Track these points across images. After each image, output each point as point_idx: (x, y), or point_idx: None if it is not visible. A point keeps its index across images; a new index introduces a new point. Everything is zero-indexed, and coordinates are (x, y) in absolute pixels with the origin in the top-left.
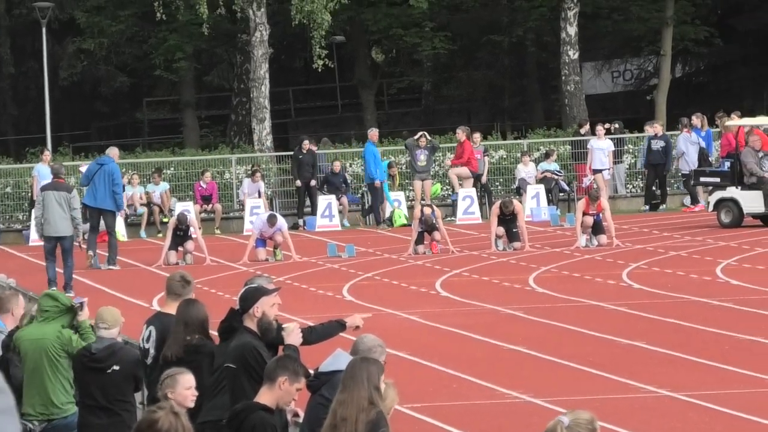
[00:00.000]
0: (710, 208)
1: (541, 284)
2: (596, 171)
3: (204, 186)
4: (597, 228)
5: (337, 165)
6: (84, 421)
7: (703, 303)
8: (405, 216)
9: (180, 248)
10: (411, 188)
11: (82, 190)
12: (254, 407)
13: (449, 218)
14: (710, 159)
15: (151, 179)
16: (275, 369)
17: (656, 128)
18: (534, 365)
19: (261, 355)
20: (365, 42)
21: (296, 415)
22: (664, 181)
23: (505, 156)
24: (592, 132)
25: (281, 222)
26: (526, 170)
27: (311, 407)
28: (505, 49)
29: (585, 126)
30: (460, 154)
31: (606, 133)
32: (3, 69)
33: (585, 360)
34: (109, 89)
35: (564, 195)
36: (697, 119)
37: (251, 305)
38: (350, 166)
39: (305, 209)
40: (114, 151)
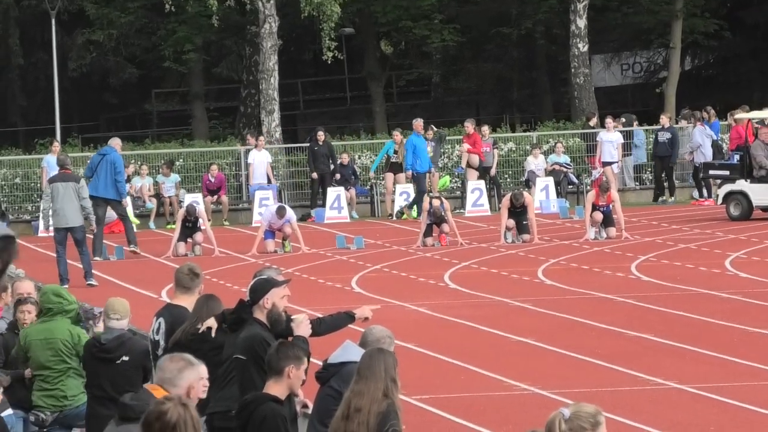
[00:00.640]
0: (719, 201)
1: (550, 276)
2: (606, 163)
3: (212, 179)
4: (606, 220)
5: (346, 157)
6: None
7: (712, 295)
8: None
9: (189, 239)
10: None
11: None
12: (264, 398)
13: (458, 210)
14: (722, 151)
15: (161, 170)
16: (279, 360)
17: (663, 120)
18: (542, 357)
19: (270, 347)
20: (374, 34)
21: (305, 406)
22: (671, 174)
23: (514, 148)
24: (602, 124)
25: (290, 214)
26: (536, 162)
27: (320, 398)
28: (515, 42)
29: (593, 119)
30: (472, 144)
31: (627, 125)
32: (12, 60)
33: (593, 352)
34: (118, 80)
35: (573, 187)
36: (706, 112)
37: (261, 297)
38: (359, 158)
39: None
40: (116, 141)
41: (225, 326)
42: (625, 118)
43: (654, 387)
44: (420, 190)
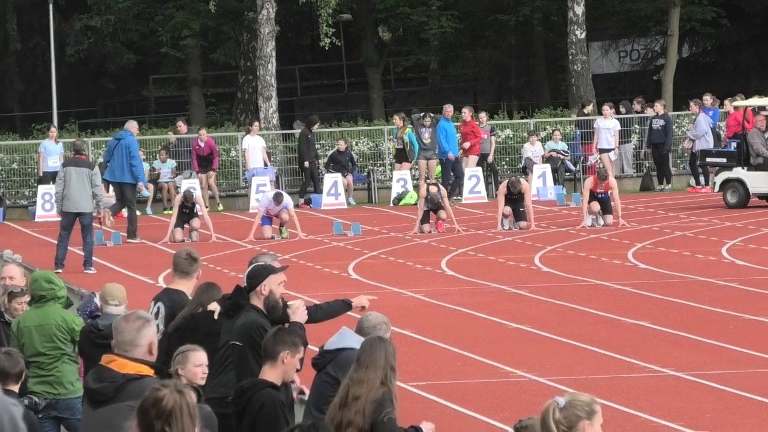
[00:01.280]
0: (716, 189)
1: (547, 263)
2: (602, 150)
3: (201, 144)
4: (603, 207)
5: (342, 144)
6: None
7: (709, 283)
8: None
9: (186, 225)
10: (416, 167)
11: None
12: (261, 384)
13: (455, 197)
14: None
15: (158, 156)
16: (274, 345)
17: (657, 107)
18: (539, 344)
19: (267, 333)
20: (372, 20)
21: (302, 393)
22: (666, 161)
23: (512, 135)
24: (599, 111)
25: (287, 200)
26: (533, 150)
27: (317, 385)
28: (512, 29)
29: (588, 106)
30: (468, 134)
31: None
32: (9, 45)
33: (590, 339)
34: (116, 66)
35: (570, 175)
36: (710, 98)
37: (259, 283)
38: (356, 145)
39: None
40: (132, 125)
41: (222, 312)
42: (624, 106)
43: (650, 374)
44: (457, 175)
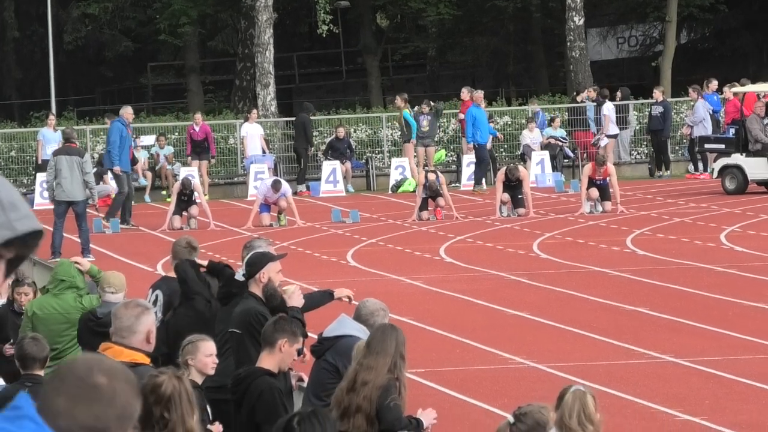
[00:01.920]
0: (715, 175)
1: (545, 250)
2: (609, 136)
3: (197, 129)
4: (602, 194)
5: (342, 131)
6: None
7: (707, 269)
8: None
9: (184, 213)
10: (415, 154)
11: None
12: (259, 372)
13: (453, 184)
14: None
15: (156, 142)
16: (273, 332)
17: (657, 94)
18: (537, 331)
19: (266, 321)
20: (370, 7)
21: (301, 380)
22: (665, 148)
23: (510, 122)
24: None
25: (285, 187)
26: (531, 136)
27: (316, 372)
28: (510, 15)
29: (582, 93)
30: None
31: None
32: (7, 33)
33: (588, 325)
34: (114, 54)
35: (568, 161)
36: (713, 84)
37: (257, 271)
38: (354, 132)
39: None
40: (124, 111)
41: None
42: (622, 92)
43: (649, 360)
44: (483, 161)
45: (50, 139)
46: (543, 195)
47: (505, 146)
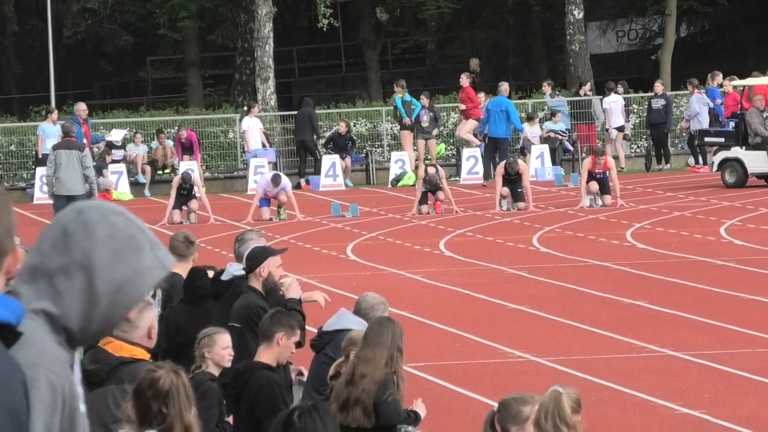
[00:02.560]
0: (714, 169)
1: (545, 244)
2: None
3: (183, 140)
4: (602, 188)
5: (343, 126)
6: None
7: (707, 263)
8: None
9: (184, 207)
10: (415, 148)
11: None
12: (257, 366)
13: (453, 178)
14: (719, 119)
15: (156, 137)
16: (270, 326)
17: (657, 88)
18: (537, 325)
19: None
20: (370, 1)
21: (300, 374)
22: (666, 141)
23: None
24: (598, 92)
25: (285, 181)
26: (531, 130)
27: (315, 366)
28: (510, 9)
29: (584, 87)
30: (465, 100)
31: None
32: (7, 27)
33: (588, 319)
34: (113, 48)
35: (568, 155)
36: (718, 78)
37: (258, 265)
38: (354, 126)
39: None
40: (76, 107)
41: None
42: (621, 86)
43: (649, 354)
44: (490, 152)
45: (50, 134)
46: (543, 189)
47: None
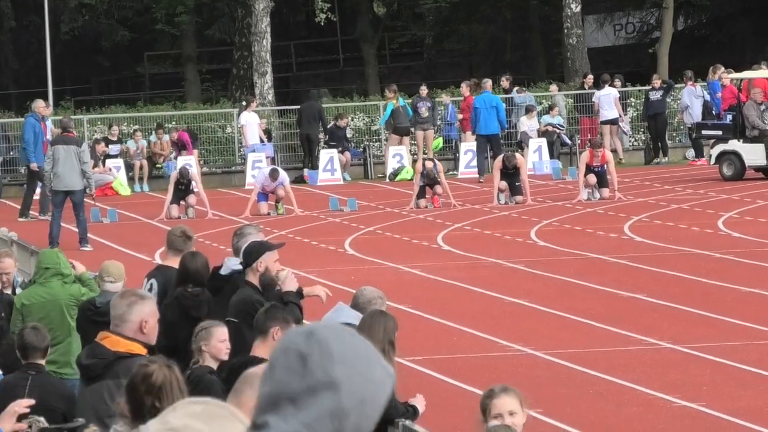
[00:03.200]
0: (712, 161)
1: (543, 238)
2: (607, 122)
3: (175, 138)
4: (600, 181)
5: (344, 120)
6: None
7: (705, 255)
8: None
9: (182, 202)
10: (413, 141)
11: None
12: (252, 361)
13: (451, 172)
14: (713, 112)
15: (155, 133)
16: (265, 321)
17: (655, 83)
18: (535, 318)
19: None
20: None
21: None
22: (664, 133)
23: (508, 109)
24: (596, 85)
25: (283, 176)
26: (529, 124)
27: None
28: (507, 3)
29: (586, 79)
30: (465, 109)
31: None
32: (4, 23)
33: (586, 312)
34: (110, 43)
35: (566, 149)
36: (720, 71)
37: (255, 260)
38: (352, 120)
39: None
40: (35, 104)
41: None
42: (619, 79)
43: (647, 347)
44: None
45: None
46: (540, 182)
47: (503, 134)
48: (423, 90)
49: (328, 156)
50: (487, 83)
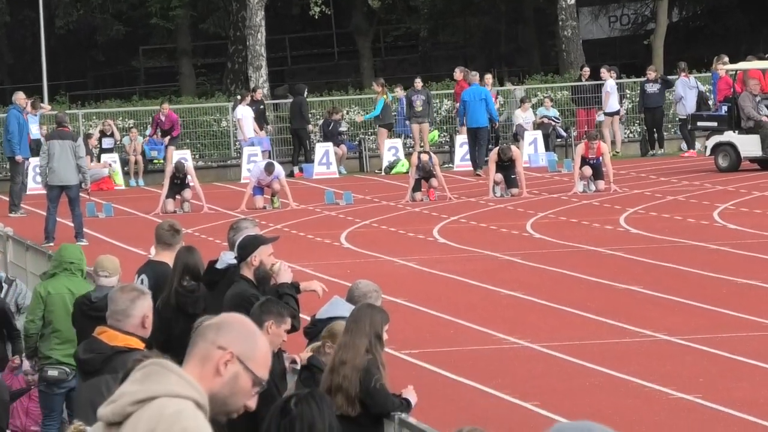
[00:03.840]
0: (708, 153)
1: (539, 230)
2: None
3: (163, 118)
4: (595, 173)
5: (338, 114)
6: None
7: (701, 247)
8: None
9: (177, 196)
10: (410, 134)
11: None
12: None
13: (447, 165)
14: (709, 103)
15: (150, 127)
16: (260, 315)
17: (650, 74)
18: (531, 311)
19: None
20: None
21: (294, 362)
22: (661, 125)
23: (503, 102)
24: (593, 77)
25: (278, 170)
26: (524, 116)
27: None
28: None
29: (584, 71)
30: (459, 95)
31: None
32: None
33: (582, 304)
34: (105, 38)
35: (561, 141)
36: (720, 61)
37: (249, 254)
38: (347, 114)
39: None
40: (16, 96)
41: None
42: (614, 71)
43: (643, 339)
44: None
45: (31, 120)
46: (536, 174)
47: (498, 126)
48: (417, 83)
49: (324, 149)
50: (476, 76)
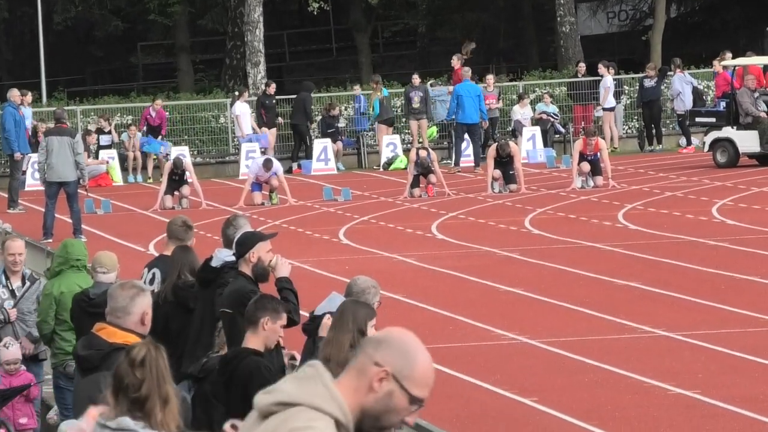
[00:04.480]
0: (706, 149)
1: (537, 226)
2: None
3: (153, 114)
4: (593, 169)
5: (336, 109)
6: None
7: (699, 243)
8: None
9: (176, 192)
10: (408, 131)
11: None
12: (245, 353)
13: (445, 161)
14: (704, 98)
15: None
16: (255, 311)
17: (649, 72)
18: (530, 307)
19: None
20: None
21: (293, 358)
22: (659, 120)
23: (501, 98)
24: (590, 73)
25: (277, 166)
26: (522, 112)
27: (307, 350)
28: None
29: (580, 67)
30: (457, 82)
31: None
32: None
33: (581, 300)
34: (103, 34)
35: (560, 137)
36: (723, 58)
37: (247, 250)
38: (345, 110)
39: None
40: (11, 93)
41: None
42: (612, 67)
43: (642, 335)
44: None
45: (25, 116)
46: (534, 170)
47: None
48: (415, 79)
49: (322, 145)
50: (468, 72)
